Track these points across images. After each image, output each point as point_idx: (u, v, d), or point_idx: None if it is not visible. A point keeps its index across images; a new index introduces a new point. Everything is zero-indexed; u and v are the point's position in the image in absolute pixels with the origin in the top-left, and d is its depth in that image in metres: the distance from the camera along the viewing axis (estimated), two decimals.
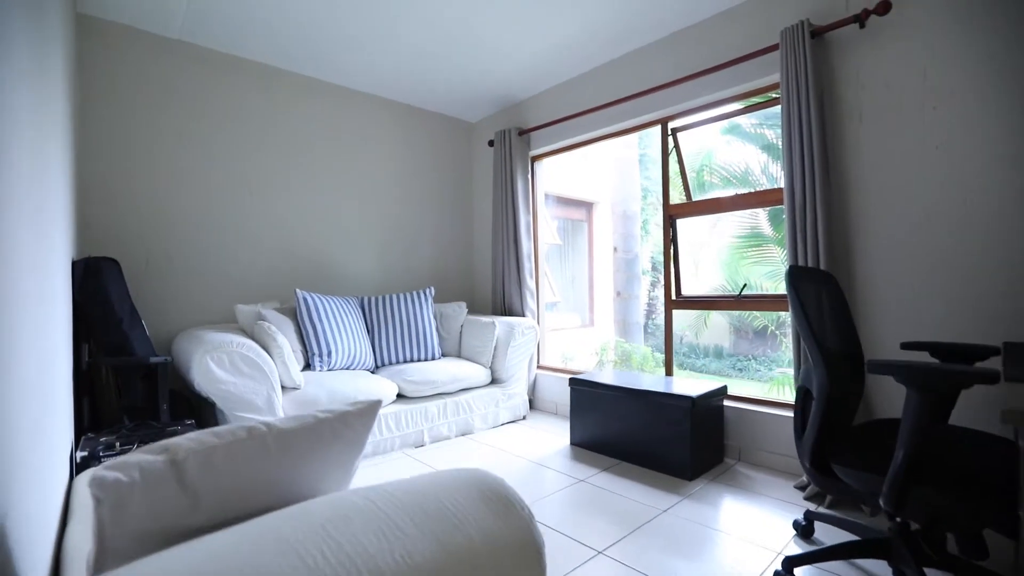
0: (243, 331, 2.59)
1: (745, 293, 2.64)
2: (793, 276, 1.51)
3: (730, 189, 4.04)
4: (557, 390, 3.48)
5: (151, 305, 2.66)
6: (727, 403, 2.59)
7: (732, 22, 2.53)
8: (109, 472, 0.60)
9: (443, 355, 3.31)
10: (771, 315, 4.79)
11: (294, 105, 3.20)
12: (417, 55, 3.01)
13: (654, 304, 9.54)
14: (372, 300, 3.17)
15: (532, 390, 3.64)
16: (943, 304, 1.92)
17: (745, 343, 7.85)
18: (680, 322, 5.85)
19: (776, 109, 2.48)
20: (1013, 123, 1.78)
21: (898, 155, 2.03)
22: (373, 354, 3.04)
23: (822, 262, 2.08)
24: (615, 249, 5.49)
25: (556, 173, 5.51)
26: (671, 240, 2.94)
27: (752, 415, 2.49)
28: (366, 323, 3.10)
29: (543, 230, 3.91)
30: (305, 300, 2.75)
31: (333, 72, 3.22)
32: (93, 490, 0.58)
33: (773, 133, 3.64)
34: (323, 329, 2.73)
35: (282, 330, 2.60)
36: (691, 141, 3.03)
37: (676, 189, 3.24)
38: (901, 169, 2.02)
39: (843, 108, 2.16)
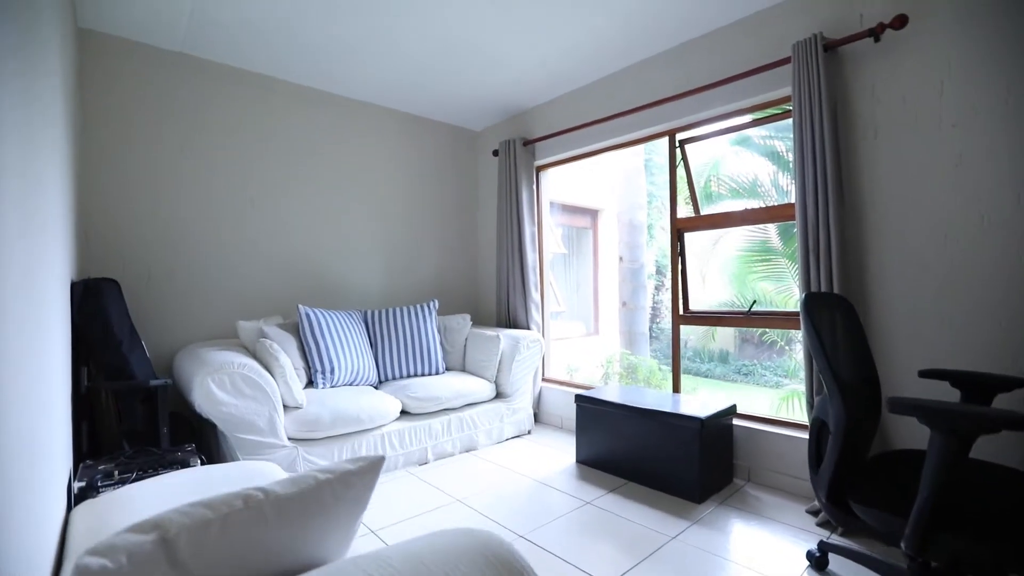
0: (245, 348, 2.56)
1: (755, 310, 2.59)
2: (809, 305, 1.46)
3: (737, 200, 3.97)
4: (562, 404, 3.44)
5: (153, 320, 2.64)
6: (736, 422, 2.54)
7: (742, 34, 2.48)
8: (94, 559, 0.56)
9: (447, 369, 3.27)
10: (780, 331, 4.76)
11: (295, 116, 3.17)
12: (420, 67, 2.98)
13: (658, 308, 9.49)
14: (375, 314, 3.13)
15: (537, 404, 3.60)
16: (961, 328, 1.87)
17: (751, 347, 7.78)
18: (686, 327, 5.79)
19: (787, 121, 2.43)
20: None
21: (914, 172, 1.97)
22: (376, 369, 3.00)
23: (835, 282, 2.02)
24: (620, 259, 5.43)
25: (561, 180, 5.46)
26: (679, 254, 2.89)
27: (762, 435, 2.44)
28: (369, 337, 3.07)
29: (548, 239, 3.86)
30: (307, 316, 2.71)
31: (334, 83, 3.19)
32: None
33: (783, 145, 3.58)
34: (325, 345, 2.69)
35: (284, 347, 2.57)
36: (699, 151, 2.98)
37: (682, 195, 3.19)
38: (918, 187, 1.97)
39: (857, 123, 2.11)
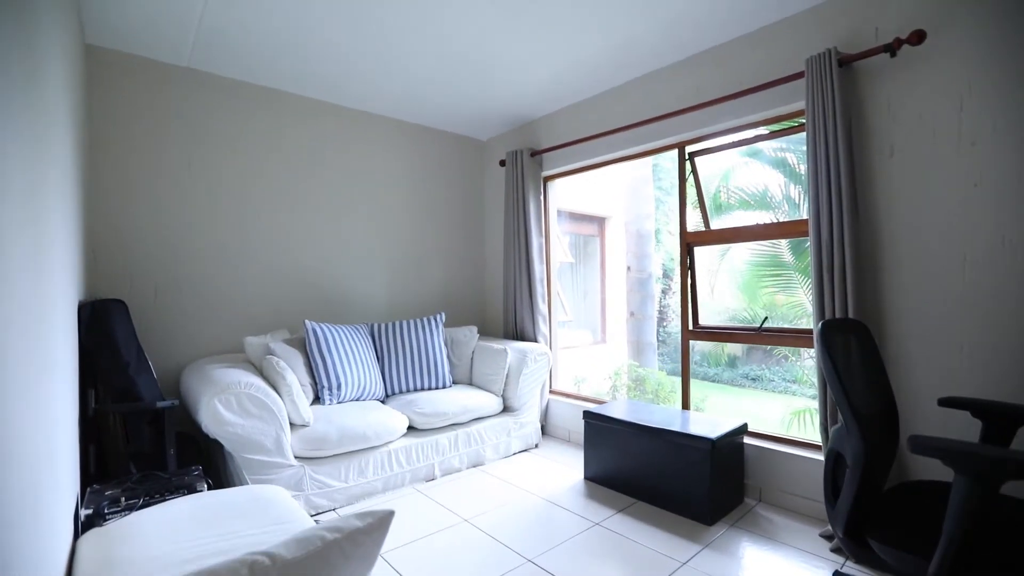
0: (252, 364, 2.56)
1: (767, 326, 2.55)
2: (826, 335, 1.43)
3: (748, 212, 3.91)
4: (570, 417, 3.41)
5: (160, 336, 2.64)
6: (747, 440, 2.51)
7: (754, 47, 2.43)
8: None
9: (454, 383, 3.25)
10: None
11: (300, 128, 3.16)
12: (425, 80, 2.96)
13: (665, 312, 9.43)
14: (382, 327, 3.12)
15: (544, 416, 3.57)
16: (982, 355, 1.82)
17: (759, 353, 7.70)
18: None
19: (800, 134, 2.39)
20: None
21: (932, 192, 1.93)
22: (383, 383, 2.99)
23: (850, 303, 1.98)
24: (628, 268, 5.39)
25: (567, 189, 5.43)
26: (688, 268, 2.85)
27: (773, 454, 2.40)
28: (376, 351, 3.05)
29: (555, 248, 3.83)
30: (314, 331, 2.70)
31: (339, 95, 3.17)
32: None
33: (794, 157, 3.53)
34: (332, 361, 2.68)
35: (291, 363, 2.56)
36: (709, 162, 2.94)
37: (690, 201, 3.15)
38: (935, 207, 1.92)
39: (873, 141, 2.06)
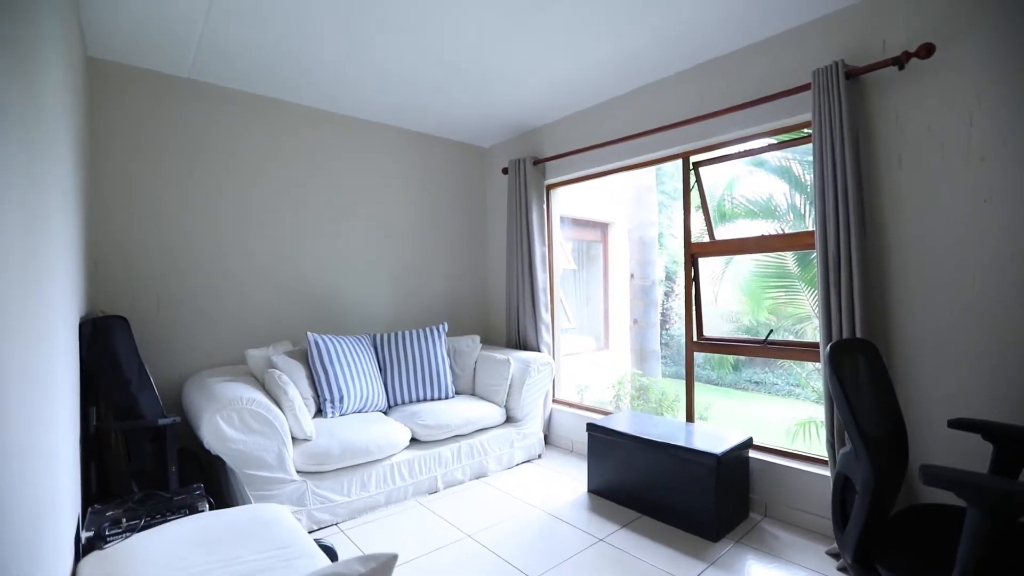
0: (254, 376, 2.55)
1: (772, 339, 2.52)
2: (834, 358, 1.40)
3: (752, 220, 3.88)
4: (573, 427, 3.39)
5: (162, 348, 2.63)
6: (752, 454, 2.48)
7: (760, 57, 2.41)
8: None
9: (456, 393, 3.23)
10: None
11: (300, 137, 3.15)
12: (424, 90, 2.95)
13: (668, 314, 9.40)
14: (384, 337, 3.11)
15: (547, 426, 3.55)
16: (992, 375, 1.79)
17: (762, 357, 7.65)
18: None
19: (805, 145, 2.36)
20: None
21: (942, 207, 1.90)
22: (386, 393, 2.98)
23: (857, 319, 1.95)
24: (632, 276, 5.36)
25: (570, 195, 5.41)
26: (693, 279, 2.83)
27: (778, 469, 2.37)
28: (378, 361, 3.04)
29: (558, 256, 3.82)
30: (316, 343, 2.69)
31: (338, 104, 3.16)
32: None
33: (800, 168, 3.50)
34: (334, 373, 2.67)
35: (293, 376, 2.55)
36: (714, 171, 2.92)
37: (694, 205, 3.12)
38: (945, 222, 1.89)
39: (881, 153, 2.04)
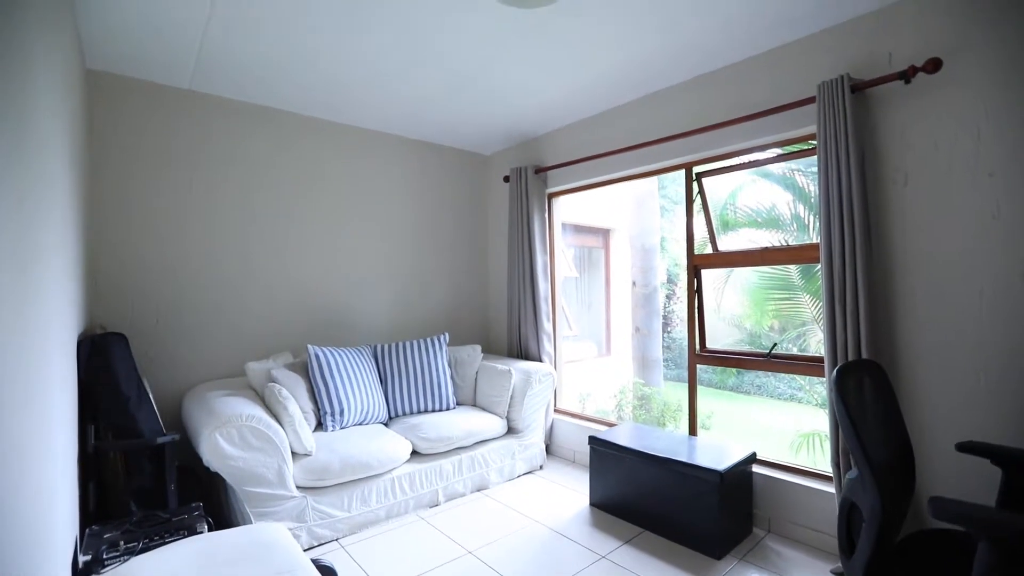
0: (254, 390, 2.54)
1: (776, 352, 2.50)
2: (840, 381, 1.38)
3: (756, 230, 3.85)
4: (575, 438, 3.37)
5: (162, 361, 2.62)
6: (755, 468, 2.46)
7: (765, 68, 2.38)
8: None
9: (458, 404, 3.22)
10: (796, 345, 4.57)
11: (299, 147, 3.13)
12: (423, 100, 2.93)
13: (670, 317, 9.38)
14: (385, 348, 3.09)
15: (549, 436, 3.53)
16: (1002, 396, 1.76)
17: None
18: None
19: (811, 157, 2.34)
20: None
21: (949, 224, 1.88)
22: (387, 405, 2.96)
23: (863, 336, 1.93)
24: (633, 283, 5.33)
25: (572, 202, 5.39)
26: (695, 291, 2.81)
27: (782, 484, 2.35)
28: (379, 372, 3.03)
29: (559, 263, 3.80)
30: (316, 356, 2.68)
31: (337, 113, 3.14)
32: None
33: (804, 179, 3.47)
34: (335, 386, 2.65)
35: (293, 390, 2.53)
36: (717, 180, 2.90)
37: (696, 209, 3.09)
38: (952, 240, 1.87)
39: (886, 168, 2.01)
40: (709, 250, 2.91)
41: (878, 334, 1.97)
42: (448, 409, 3.08)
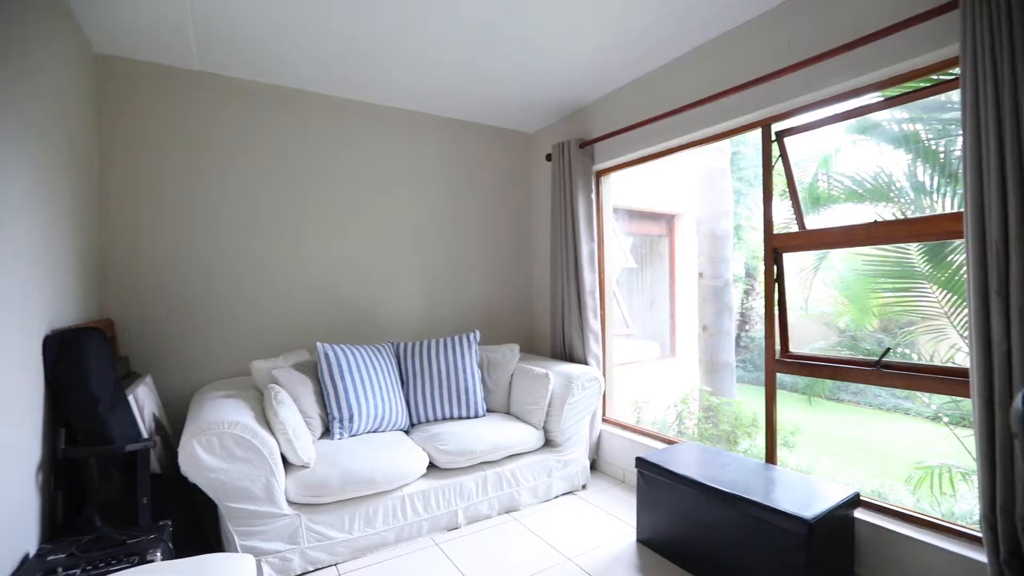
0: (259, 391, 2.33)
1: (888, 360, 1.87)
2: None
3: (857, 204, 3.03)
4: (626, 453, 2.88)
5: (173, 358, 2.50)
6: (859, 514, 1.86)
7: None
8: None
9: (488, 411, 2.85)
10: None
11: (317, 128, 2.90)
12: (454, 67, 2.58)
13: (748, 315, 8.42)
14: (408, 347, 2.79)
15: (595, 450, 3.07)
16: None
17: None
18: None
19: (936, 98, 1.70)
20: None
21: None
22: (408, 410, 2.66)
23: None
24: (700, 275, 4.66)
25: (628, 183, 4.82)
26: (775, 280, 2.22)
27: (901, 541, 1.74)
28: (400, 374, 2.73)
29: (613, 252, 3.31)
30: (326, 354, 2.42)
31: (358, 89, 2.87)
32: None
33: (928, 130, 2.65)
34: (345, 388, 2.38)
35: (298, 392, 2.29)
36: (803, 143, 2.27)
37: (779, 193, 2.47)
38: None
39: None
40: (795, 229, 2.31)
41: None
42: (476, 417, 2.72)
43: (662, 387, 4.86)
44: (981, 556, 1.53)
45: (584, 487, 2.81)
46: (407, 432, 2.61)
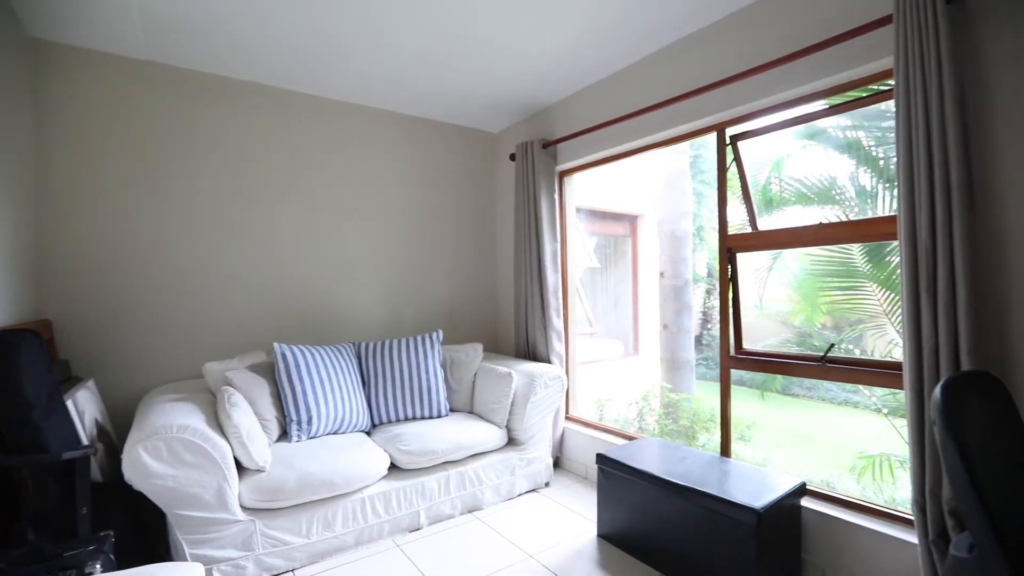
0: (212, 393, 2.24)
1: (833, 356, 1.97)
2: (951, 408, 0.90)
3: (806, 207, 3.19)
4: (588, 450, 2.92)
5: (122, 360, 2.38)
6: (806, 503, 1.95)
7: None
8: None
9: (452, 411, 2.83)
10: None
11: (278, 124, 2.82)
12: (413, 62, 2.55)
13: (710, 314, 8.69)
14: (369, 347, 2.75)
15: (559, 447, 3.10)
16: None
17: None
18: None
19: (876, 107, 1.80)
20: None
21: None
22: (369, 411, 2.62)
23: (962, 337, 1.41)
24: (661, 275, 4.78)
25: (592, 184, 4.88)
26: (729, 279, 2.31)
27: (843, 526, 1.83)
28: (362, 374, 2.69)
29: (577, 252, 3.35)
30: (283, 355, 2.36)
31: (319, 84, 2.81)
32: None
33: (869, 137, 2.82)
34: (303, 390, 2.33)
35: (253, 394, 2.22)
36: (756, 147, 2.37)
37: (733, 192, 2.56)
38: None
39: (997, 108, 1.46)
40: (749, 230, 2.40)
41: (983, 334, 1.44)
42: (439, 417, 2.71)
43: (625, 385, 4.95)
44: (915, 538, 1.63)
45: (547, 484, 2.84)
46: (369, 433, 2.57)
